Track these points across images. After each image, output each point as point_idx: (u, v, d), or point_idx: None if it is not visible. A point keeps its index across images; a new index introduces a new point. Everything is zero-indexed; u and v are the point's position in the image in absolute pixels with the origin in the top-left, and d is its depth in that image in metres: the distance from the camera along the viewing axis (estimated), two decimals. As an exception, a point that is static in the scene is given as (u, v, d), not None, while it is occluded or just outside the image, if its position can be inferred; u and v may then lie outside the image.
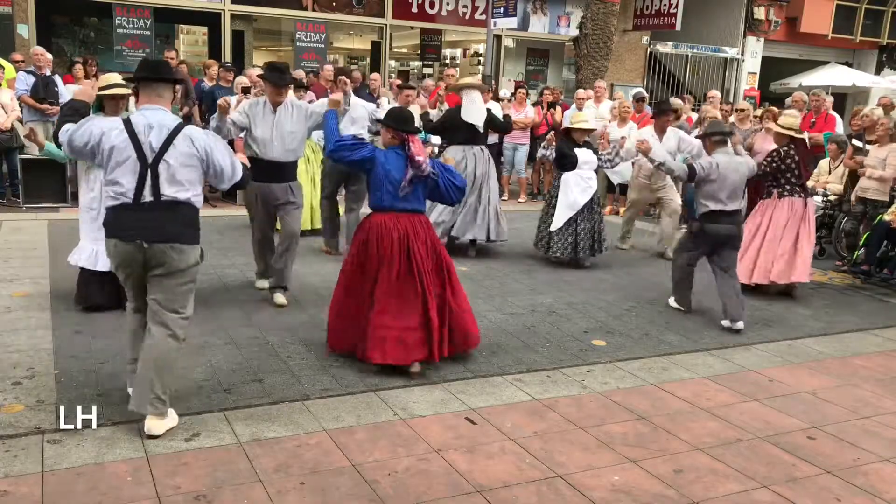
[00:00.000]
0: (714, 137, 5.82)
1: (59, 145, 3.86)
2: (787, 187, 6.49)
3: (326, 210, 7.49)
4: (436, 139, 8.08)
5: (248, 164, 4.08)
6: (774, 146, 6.66)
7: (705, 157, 5.94)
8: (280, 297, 5.68)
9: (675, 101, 10.70)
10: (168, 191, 3.48)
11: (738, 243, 5.91)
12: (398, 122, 4.54)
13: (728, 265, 5.79)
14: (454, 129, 7.53)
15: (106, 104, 4.89)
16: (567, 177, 7.16)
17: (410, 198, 4.49)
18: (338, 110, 5.29)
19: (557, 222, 7.16)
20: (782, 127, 6.49)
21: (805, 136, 6.99)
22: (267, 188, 5.58)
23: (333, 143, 4.70)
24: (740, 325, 5.64)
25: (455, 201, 4.80)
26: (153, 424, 3.52)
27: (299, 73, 9.57)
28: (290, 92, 5.85)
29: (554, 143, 7.58)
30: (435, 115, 8.90)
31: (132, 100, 4.35)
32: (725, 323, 5.69)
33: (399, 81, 12.02)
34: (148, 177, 3.46)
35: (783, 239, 6.47)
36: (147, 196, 3.46)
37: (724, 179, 5.63)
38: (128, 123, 3.51)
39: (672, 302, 6.17)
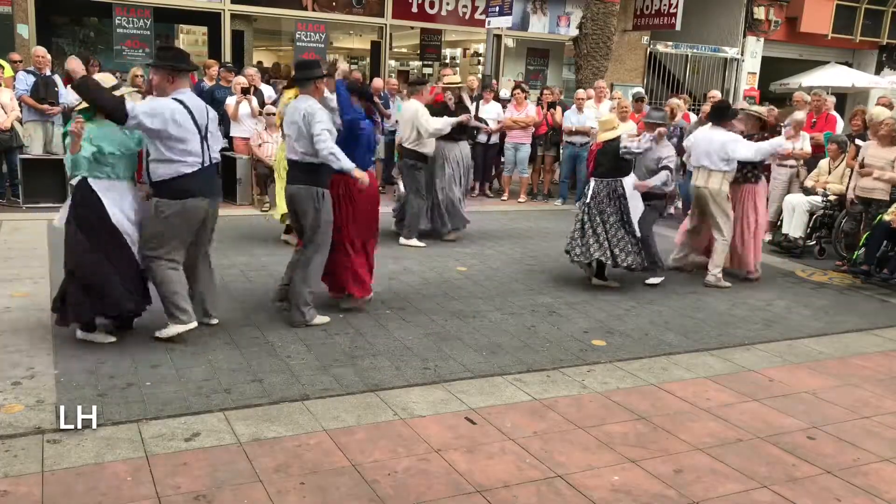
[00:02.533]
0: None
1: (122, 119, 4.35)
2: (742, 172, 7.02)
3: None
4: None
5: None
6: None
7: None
8: (321, 318, 5.56)
9: (673, 101, 10.72)
10: (213, 154, 4.68)
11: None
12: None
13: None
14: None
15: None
16: (627, 181, 6.61)
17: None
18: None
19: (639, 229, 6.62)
20: (752, 109, 7.15)
21: (757, 109, 7.48)
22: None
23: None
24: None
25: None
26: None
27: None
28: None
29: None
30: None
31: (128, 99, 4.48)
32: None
33: (396, 82, 12.04)
34: (205, 144, 4.58)
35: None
36: (207, 160, 4.61)
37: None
38: (184, 104, 4.46)
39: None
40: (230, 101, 9.57)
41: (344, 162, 4.95)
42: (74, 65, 4.53)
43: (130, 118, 4.29)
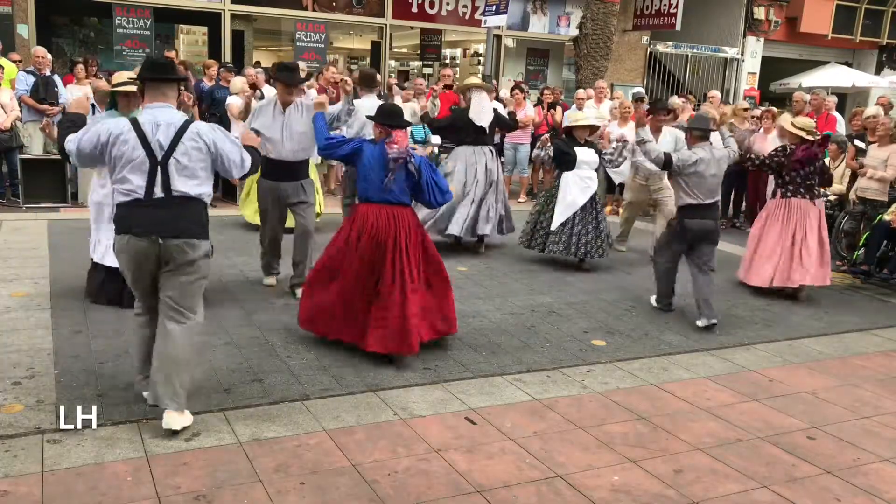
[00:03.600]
0: (695, 132, 5.81)
1: (65, 157, 3.90)
2: (791, 188, 6.48)
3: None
4: (436, 139, 8.06)
5: (259, 147, 4.20)
6: (776, 146, 6.69)
7: (685, 150, 5.95)
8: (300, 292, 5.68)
9: (675, 101, 10.70)
10: (179, 187, 3.53)
11: (717, 238, 5.88)
12: (384, 116, 4.75)
13: (705, 260, 5.77)
14: (463, 130, 7.58)
15: (120, 101, 5.01)
16: (567, 176, 7.12)
17: (395, 190, 4.62)
18: (324, 111, 5.38)
19: (556, 221, 7.13)
20: (795, 126, 6.49)
21: (816, 137, 6.81)
22: (277, 186, 5.74)
23: (322, 141, 4.97)
24: (714, 321, 5.63)
25: (435, 203, 4.88)
26: (172, 419, 3.55)
27: (301, 66, 9.54)
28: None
29: (549, 144, 7.47)
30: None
31: None
32: (701, 322, 5.65)
33: (396, 81, 12.03)
34: (158, 174, 3.50)
35: (787, 240, 6.48)
36: (158, 192, 3.51)
37: (703, 174, 5.62)
38: (135, 123, 3.54)
39: (653, 301, 6.16)
40: (232, 101, 9.53)
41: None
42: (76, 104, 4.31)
43: (69, 151, 3.72)
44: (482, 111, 7.50)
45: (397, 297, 4.52)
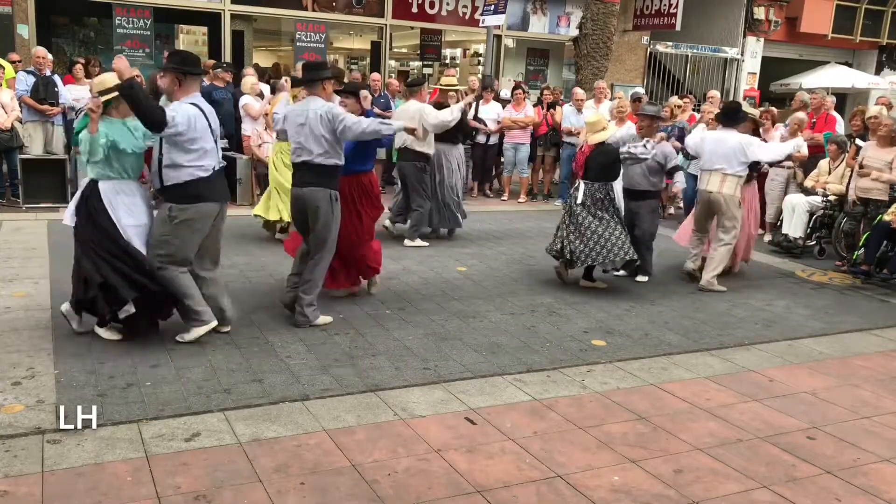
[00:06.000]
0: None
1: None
2: None
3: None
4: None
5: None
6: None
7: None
8: (324, 318, 5.34)
9: (673, 100, 10.71)
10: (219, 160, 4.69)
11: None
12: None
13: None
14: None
15: (111, 112, 4.61)
16: (615, 186, 6.52)
17: (351, 159, 5.38)
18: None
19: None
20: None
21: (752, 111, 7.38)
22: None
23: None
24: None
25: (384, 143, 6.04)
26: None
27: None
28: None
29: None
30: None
31: None
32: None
33: (396, 82, 12.03)
34: (217, 147, 4.64)
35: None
36: (217, 164, 4.65)
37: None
38: (200, 109, 4.48)
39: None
40: (248, 101, 9.54)
41: (393, 125, 5.39)
42: (121, 64, 4.35)
43: (170, 126, 4.29)
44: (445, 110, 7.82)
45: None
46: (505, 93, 12.75)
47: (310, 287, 5.18)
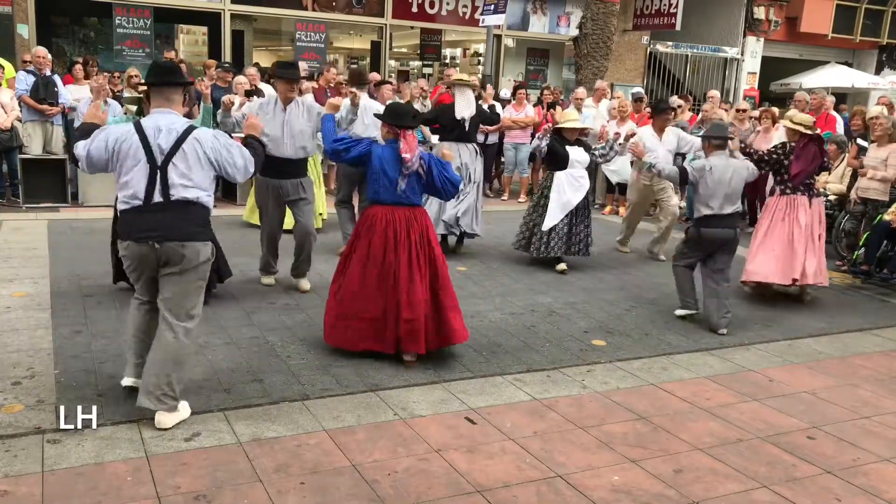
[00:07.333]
0: (714, 141, 5.75)
1: (74, 162, 3.88)
2: (790, 185, 6.37)
3: (344, 214, 7.35)
4: (434, 138, 8.09)
5: (258, 141, 4.08)
6: (773, 145, 6.65)
7: (700, 159, 5.91)
8: (304, 283, 6.07)
9: (675, 100, 10.71)
10: (178, 192, 3.57)
11: (735, 247, 5.79)
12: (392, 116, 4.68)
13: (721, 268, 5.69)
14: (446, 126, 7.59)
15: (145, 106, 4.60)
16: (559, 176, 7.06)
17: (406, 191, 4.60)
18: (335, 114, 5.35)
19: (550, 222, 7.02)
20: (792, 122, 6.40)
21: (817, 132, 6.70)
22: (278, 184, 5.79)
23: (330, 143, 4.88)
24: (723, 332, 5.58)
25: (449, 196, 4.88)
26: (164, 418, 3.59)
27: (302, 66, 9.53)
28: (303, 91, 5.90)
29: (548, 135, 7.30)
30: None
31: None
32: (723, 330, 5.60)
33: (397, 83, 12.03)
34: (157, 178, 3.55)
35: (781, 238, 6.35)
36: (157, 197, 3.55)
37: (718, 184, 5.57)
38: (138, 127, 3.61)
39: (679, 312, 5.93)
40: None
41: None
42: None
43: (78, 157, 3.69)
44: (465, 107, 7.51)
45: (420, 295, 4.51)
46: (505, 93, 12.75)
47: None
